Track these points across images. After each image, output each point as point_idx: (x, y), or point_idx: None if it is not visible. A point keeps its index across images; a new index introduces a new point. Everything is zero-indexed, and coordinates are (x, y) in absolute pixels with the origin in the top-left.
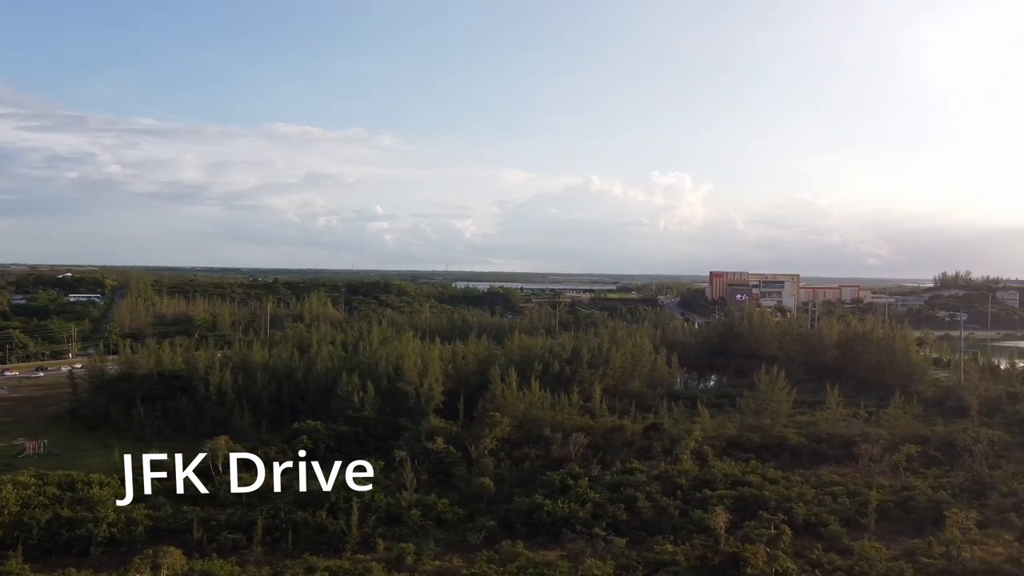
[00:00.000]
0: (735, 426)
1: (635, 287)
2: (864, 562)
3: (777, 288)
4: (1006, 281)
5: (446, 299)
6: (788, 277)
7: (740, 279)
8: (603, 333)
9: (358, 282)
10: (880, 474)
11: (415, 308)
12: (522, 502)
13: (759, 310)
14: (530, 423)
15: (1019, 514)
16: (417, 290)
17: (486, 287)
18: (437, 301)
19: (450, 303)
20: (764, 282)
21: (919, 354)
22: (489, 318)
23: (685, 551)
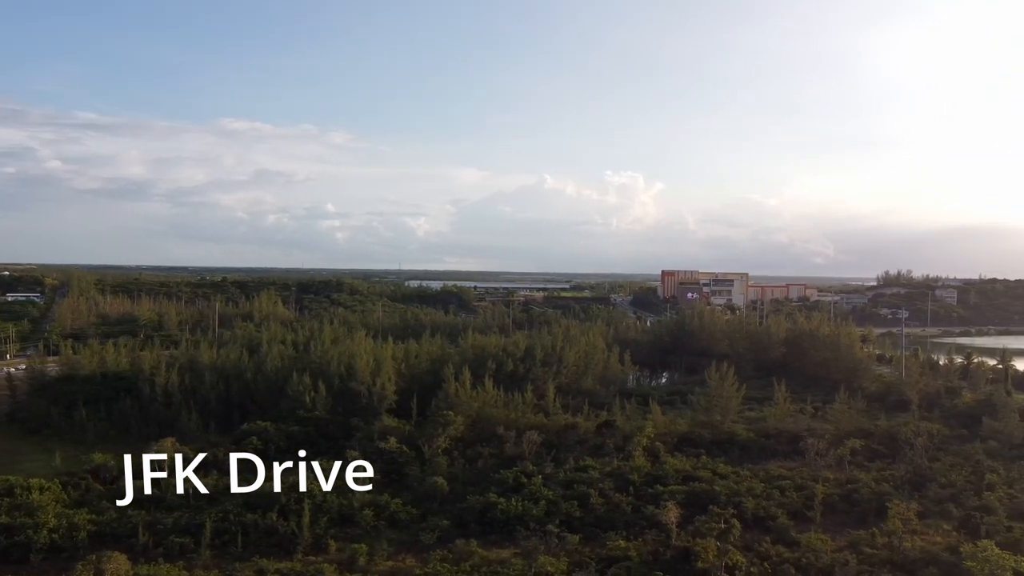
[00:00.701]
0: (686, 422)
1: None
2: (810, 554)
3: (727, 287)
4: (945, 280)
5: (399, 298)
6: (738, 276)
7: (691, 278)
8: (557, 331)
9: (309, 281)
10: (826, 468)
11: (368, 307)
12: (476, 501)
13: (709, 308)
14: (484, 422)
15: (957, 504)
16: (370, 289)
17: (440, 286)
18: (390, 300)
19: (403, 302)
20: (714, 281)
21: (863, 351)
22: (443, 317)
23: (637, 546)
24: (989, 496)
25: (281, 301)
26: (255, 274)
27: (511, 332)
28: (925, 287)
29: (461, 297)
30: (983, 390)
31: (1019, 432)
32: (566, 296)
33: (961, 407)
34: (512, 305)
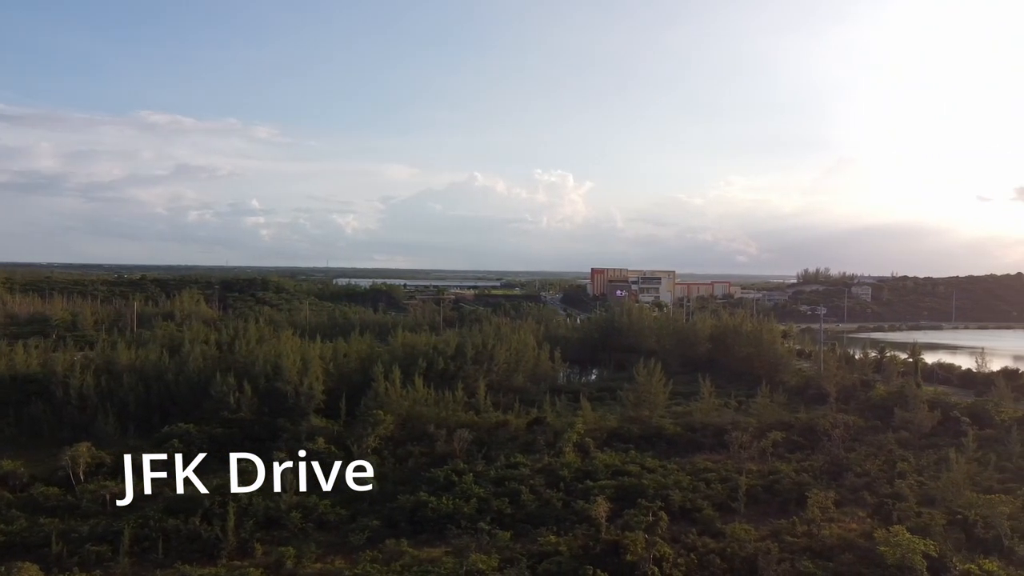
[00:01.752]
0: (615, 418)
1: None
2: (735, 543)
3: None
4: (860, 277)
5: (327, 296)
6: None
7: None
8: (487, 329)
9: (233, 279)
10: (749, 460)
11: (294, 305)
12: (406, 500)
13: (638, 306)
14: (414, 420)
15: (871, 492)
16: (296, 287)
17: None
18: (318, 298)
19: (331, 300)
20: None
21: (784, 346)
22: (372, 315)
23: (568, 541)
24: (901, 484)
25: (204, 300)
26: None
27: (442, 330)
28: (842, 284)
29: (391, 295)
30: (895, 383)
31: (928, 422)
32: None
33: (875, 399)
34: (443, 303)
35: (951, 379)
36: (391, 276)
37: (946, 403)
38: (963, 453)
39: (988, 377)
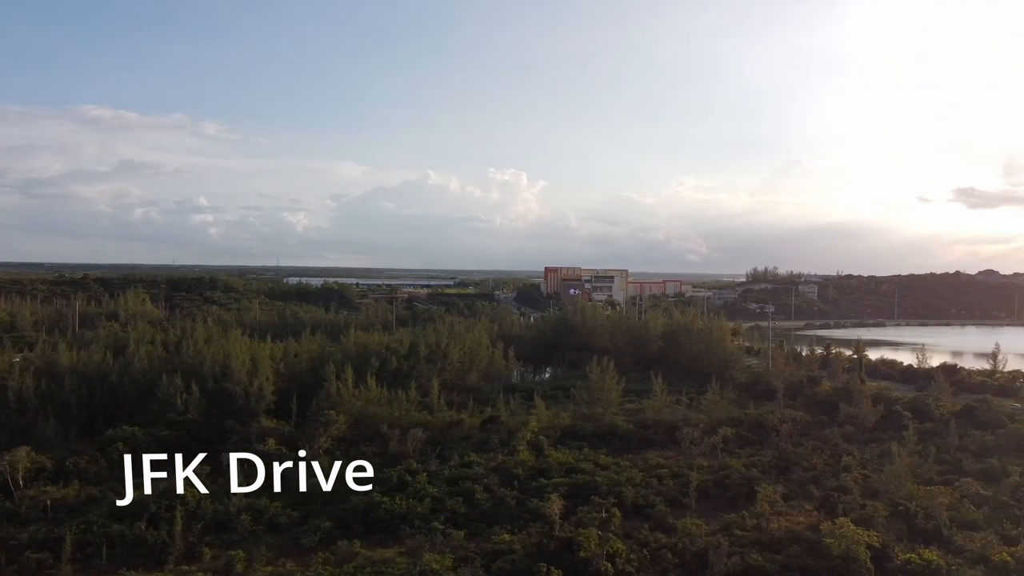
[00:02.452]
0: (569, 416)
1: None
2: (686, 538)
3: (608, 283)
4: (807, 276)
5: (277, 295)
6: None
7: (573, 274)
8: (441, 328)
9: (180, 278)
10: (700, 456)
11: (244, 305)
12: (359, 501)
13: (591, 304)
14: (367, 420)
15: (817, 486)
16: (246, 286)
17: (320, 283)
18: (268, 297)
19: (282, 299)
20: (596, 277)
21: (733, 343)
22: (323, 314)
23: (522, 539)
24: (846, 477)
25: (149, 299)
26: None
27: (395, 329)
28: (789, 283)
29: (343, 294)
30: (840, 379)
31: (871, 417)
32: (450, 293)
33: (821, 395)
34: (396, 302)
35: (893, 375)
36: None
37: (889, 398)
38: (904, 446)
39: (928, 373)
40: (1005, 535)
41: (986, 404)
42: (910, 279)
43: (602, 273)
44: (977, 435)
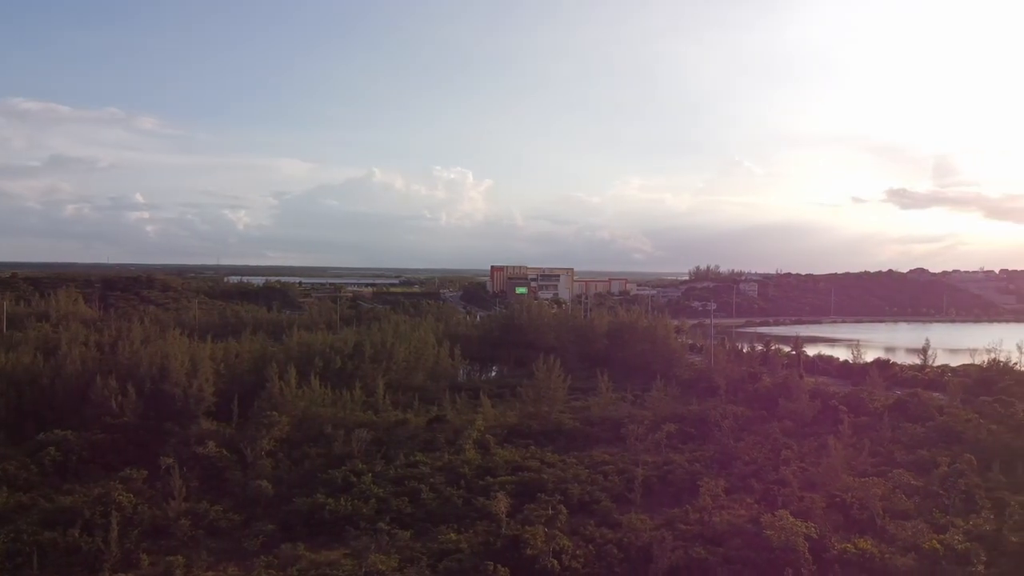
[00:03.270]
0: (515, 414)
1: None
2: (631, 533)
3: (553, 281)
4: (748, 274)
5: (218, 294)
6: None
7: (519, 272)
8: (386, 327)
9: (115, 277)
10: (645, 451)
11: (182, 305)
12: (303, 503)
13: (537, 302)
14: (310, 421)
15: (758, 479)
16: (185, 285)
17: (262, 282)
18: (208, 297)
19: (222, 299)
20: (542, 275)
21: (677, 341)
22: (265, 314)
23: (468, 538)
24: (785, 470)
25: (83, 299)
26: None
27: (339, 328)
28: (731, 281)
29: (285, 293)
30: (780, 374)
31: (809, 411)
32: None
33: (761, 390)
34: (340, 301)
35: (830, 370)
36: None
37: (826, 393)
38: (841, 439)
39: (863, 368)
40: (935, 523)
41: (917, 398)
42: (846, 277)
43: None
44: (908, 427)
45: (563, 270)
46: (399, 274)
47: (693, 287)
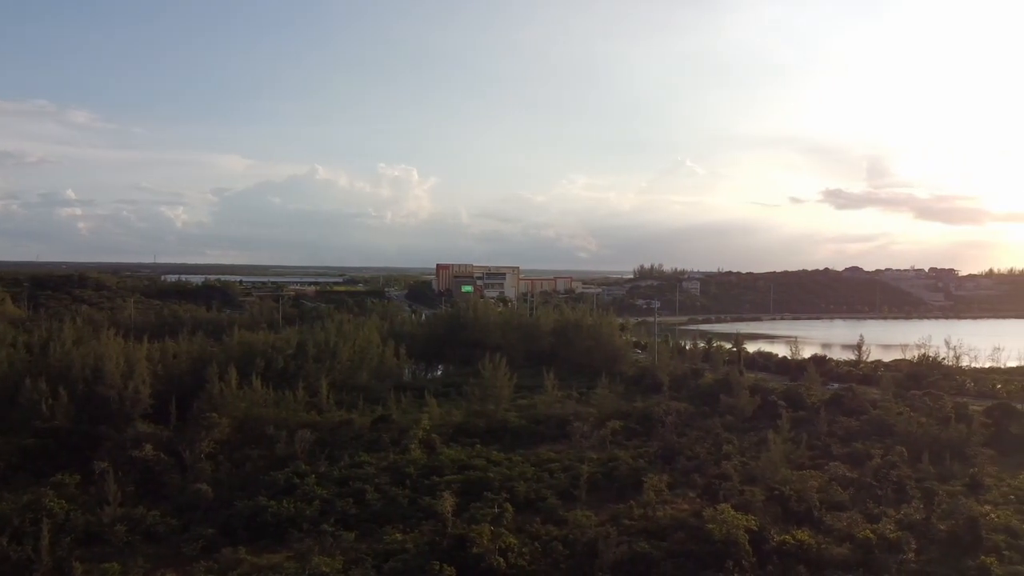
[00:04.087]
0: (461, 413)
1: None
2: (576, 530)
3: (499, 280)
4: (690, 272)
5: (155, 293)
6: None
7: (465, 271)
8: (330, 326)
9: (46, 275)
10: (590, 448)
11: (117, 304)
12: (244, 506)
13: (483, 301)
14: (252, 422)
15: (700, 474)
16: (120, 284)
17: (201, 280)
18: (144, 296)
19: (159, 298)
20: (488, 274)
21: (622, 339)
22: (205, 313)
23: (414, 538)
24: (726, 465)
25: (11, 298)
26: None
27: (281, 328)
28: (674, 279)
29: (225, 292)
30: (721, 371)
31: (750, 407)
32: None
33: (703, 387)
34: (282, 300)
35: (769, 366)
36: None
37: (765, 388)
38: (779, 434)
39: (801, 364)
40: (868, 514)
41: (852, 392)
42: (784, 275)
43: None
44: (844, 421)
45: (509, 268)
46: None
47: (637, 285)
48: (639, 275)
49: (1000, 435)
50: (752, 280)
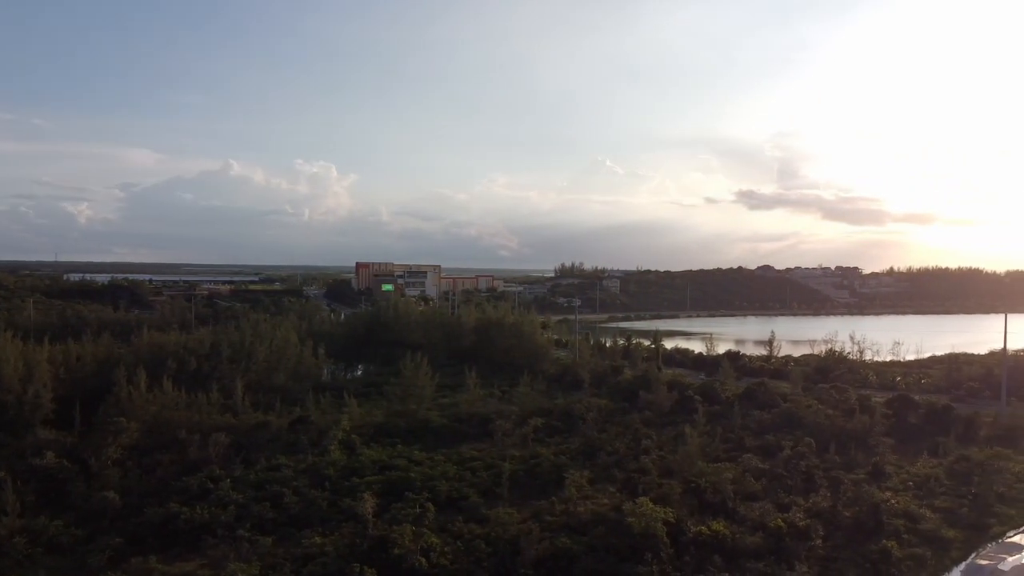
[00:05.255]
0: (382, 413)
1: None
2: (499, 527)
3: (421, 278)
4: (610, 271)
5: (56, 293)
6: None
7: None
8: (245, 326)
9: None
10: (512, 446)
11: (15, 304)
12: (154, 513)
13: (404, 300)
14: (163, 426)
15: (620, 468)
16: (18, 283)
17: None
18: (44, 296)
19: (61, 298)
20: (408, 272)
21: (543, 337)
22: (111, 313)
23: (334, 541)
24: (645, 459)
25: None
26: None
27: (194, 328)
28: (594, 278)
29: (134, 291)
30: (640, 367)
31: (667, 402)
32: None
33: (623, 383)
34: (195, 299)
35: (686, 362)
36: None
37: (682, 384)
38: (696, 428)
39: (716, 360)
40: (779, 503)
41: (764, 386)
42: (700, 274)
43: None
44: (757, 414)
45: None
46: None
47: (559, 283)
48: (560, 273)
49: (900, 425)
50: (670, 278)
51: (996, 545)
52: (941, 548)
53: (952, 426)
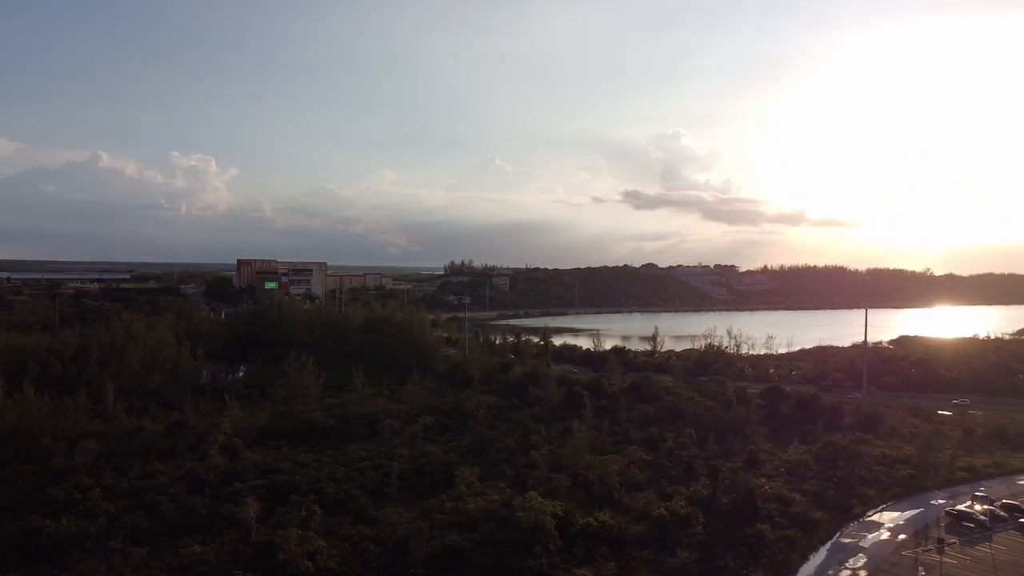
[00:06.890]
0: (266, 415)
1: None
2: (388, 527)
3: (306, 276)
4: (500, 269)
5: None
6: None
7: (269, 267)
8: (117, 327)
9: None
10: (401, 445)
11: None
12: (15, 527)
13: (288, 298)
14: (24, 434)
15: (510, 464)
16: None
17: None
18: None
19: None
20: (293, 270)
21: (433, 334)
22: None
23: (214, 548)
24: (535, 454)
25: None
26: None
27: (59, 329)
28: (484, 275)
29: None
30: (530, 364)
31: (556, 398)
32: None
33: (513, 380)
34: (59, 299)
35: (575, 358)
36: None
37: (571, 380)
38: (584, 422)
39: (603, 355)
40: (663, 492)
41: (648, 380)
42: (587, 271)
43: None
44: (641, 408)
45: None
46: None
47: (448, 281)
48: (450, 271)
49: (773, 414)
50: (558, 276)
51: (858, 524)
52: (810, 529)
53: (820, 415)
